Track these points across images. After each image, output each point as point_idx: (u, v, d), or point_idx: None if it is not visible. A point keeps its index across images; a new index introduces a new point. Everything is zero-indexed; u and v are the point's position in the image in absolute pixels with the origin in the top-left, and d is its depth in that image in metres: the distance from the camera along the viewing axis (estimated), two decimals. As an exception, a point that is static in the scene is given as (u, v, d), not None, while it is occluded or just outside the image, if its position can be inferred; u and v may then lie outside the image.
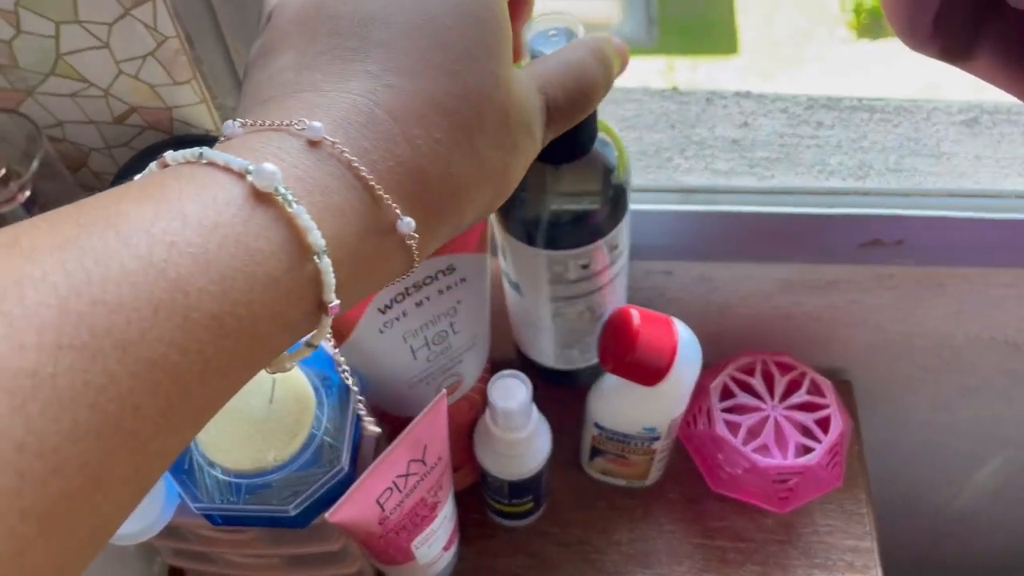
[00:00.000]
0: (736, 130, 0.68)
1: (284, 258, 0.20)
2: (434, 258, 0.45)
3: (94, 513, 0.17)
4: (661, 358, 0.50)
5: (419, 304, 0.46)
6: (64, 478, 0.16)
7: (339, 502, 0.43)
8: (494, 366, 0.55)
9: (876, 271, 0.60)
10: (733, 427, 0.59)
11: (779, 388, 0.61)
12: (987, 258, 0.60)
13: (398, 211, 0.22)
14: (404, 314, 0.46)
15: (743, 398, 0.60)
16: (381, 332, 0.46)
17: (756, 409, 0.60)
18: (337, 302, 0.21)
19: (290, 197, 0.20)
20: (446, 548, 0.56)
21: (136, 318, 0.17)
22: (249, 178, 0.20)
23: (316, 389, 0.47)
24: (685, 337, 0.51)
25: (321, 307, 0.21)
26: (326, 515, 0.43)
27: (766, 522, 0.63)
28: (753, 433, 0.59)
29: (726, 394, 0.61)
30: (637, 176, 0.62)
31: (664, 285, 0.64)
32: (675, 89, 0.71)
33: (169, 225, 0.18)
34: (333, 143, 0.21)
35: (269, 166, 0.20)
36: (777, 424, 0.59)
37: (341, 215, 0.21)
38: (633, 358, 0.50)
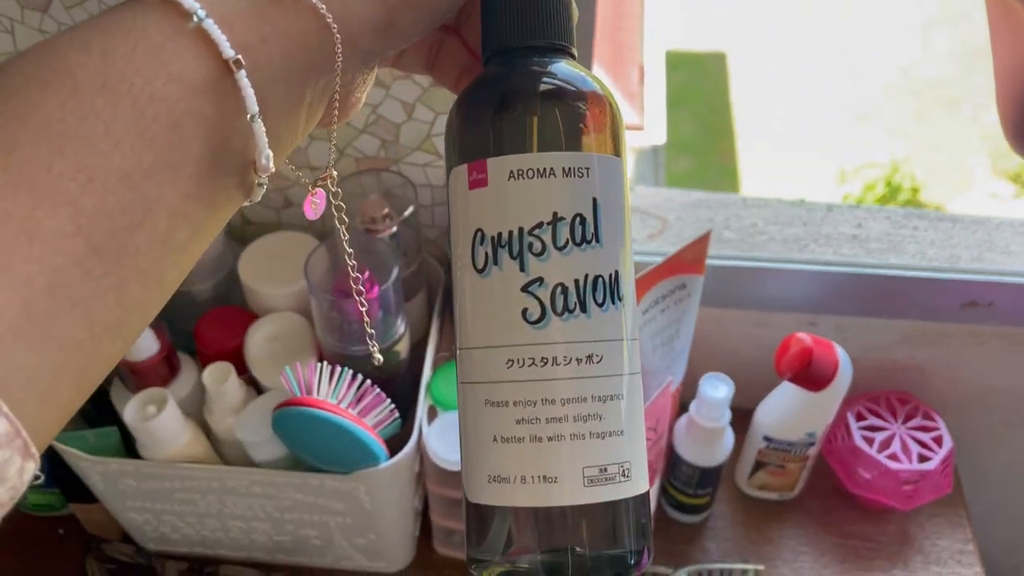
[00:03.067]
0: (853, 229, 0.89)
1: (165, 29, 0.22)
2: (673, 277, 0.65)
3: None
4: (828, 368, 0.69)
5: (663, 311, 0.66)
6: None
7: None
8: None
9: (972, 329, 0.80)
10: (868, 441, 0.77)
11: (900, 414, 0.79)
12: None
13: None
14: (654, 318, 0.66)
15: (873, 420, 0.79)
16: (640, 328, 0.66)
17: (884, 428, 0.78)
18: (235, 56, 0.22)
19: None
20: (653, 517, 0.73)
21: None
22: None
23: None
24: (842, 354, 0.70)
25: (226, 66, 0.22)
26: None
27: (889, 528, 0.80)
28: (883, 445, 0.77)
29: (859, 417, 0.79)
30: (783, 250, 0.83)
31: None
32: (802, 201, 0.93)
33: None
34: None
35: None
36: (902, 439, 0.77)
37: None
38: (809, 369, 0.69)
